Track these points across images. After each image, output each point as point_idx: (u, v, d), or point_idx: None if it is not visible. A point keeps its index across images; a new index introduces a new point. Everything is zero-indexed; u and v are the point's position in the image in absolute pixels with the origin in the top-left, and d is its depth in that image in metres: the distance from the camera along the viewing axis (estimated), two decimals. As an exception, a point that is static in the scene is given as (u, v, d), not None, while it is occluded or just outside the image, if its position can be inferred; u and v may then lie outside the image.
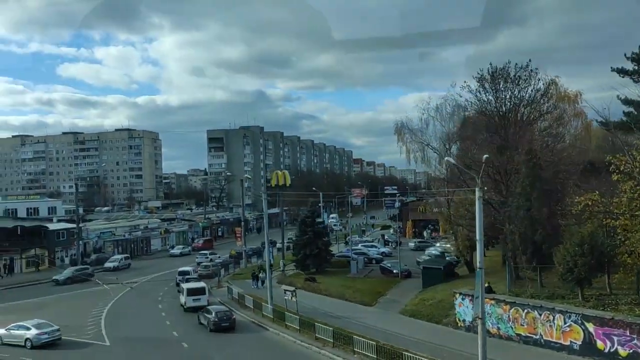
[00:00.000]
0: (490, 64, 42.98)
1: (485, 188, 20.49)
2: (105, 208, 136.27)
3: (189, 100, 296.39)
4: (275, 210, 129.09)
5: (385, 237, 75.66)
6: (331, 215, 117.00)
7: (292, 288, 33.43)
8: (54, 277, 51.96)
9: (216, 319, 31.92)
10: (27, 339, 29.25)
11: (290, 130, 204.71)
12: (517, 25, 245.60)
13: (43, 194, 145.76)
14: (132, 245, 74.12)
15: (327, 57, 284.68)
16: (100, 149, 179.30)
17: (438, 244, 61.35)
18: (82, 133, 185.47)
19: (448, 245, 60.05)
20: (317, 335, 27.98)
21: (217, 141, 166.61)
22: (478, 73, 45.89)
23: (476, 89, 44.15)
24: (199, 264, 57.34)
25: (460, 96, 45.59)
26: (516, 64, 43.64)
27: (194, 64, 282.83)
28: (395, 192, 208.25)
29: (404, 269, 46.03)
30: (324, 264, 48.49)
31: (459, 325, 28.30)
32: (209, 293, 40.36)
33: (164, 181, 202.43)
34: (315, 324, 28.44)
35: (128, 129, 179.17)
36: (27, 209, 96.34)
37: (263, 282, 43.07)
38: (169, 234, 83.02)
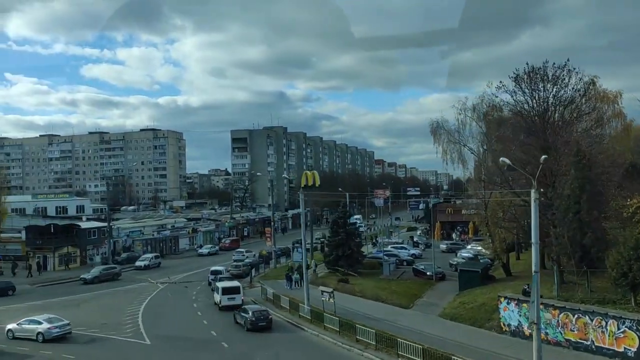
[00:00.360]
0: (527, 63, 42.18)
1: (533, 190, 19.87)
2: (131, 207, 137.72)
3: (210, 101, 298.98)
4: (299, 210, 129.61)
5: (415, 238, 74.91)
6: (355, 217, 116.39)
7: (330, 289, 33.15)
8: (81, 276, 52.21)
9: (253, 319, 31.87)
10: (38, 333, 30.06)
11: (310, 131, 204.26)
12: (540, 25, 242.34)
13: (70, 192, 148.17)
14: (161, 245, 74.60)
15: (347, 58, 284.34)
16: (126, 149, 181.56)
17: (469, 246, 60.55)
18: (107, 133, 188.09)
19: (479, 248, 59.36)
20: (358, 337, 27.67)
21: (240, 141, 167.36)
22: (514, 72, 45.24)
23: (512, 89, 43.65)
24: (236, 261, 57.57)
25: (496, 96, 45.01)
26: (554, 63, 42.89)
27: (215, 64, 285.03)
28: (419, 193, 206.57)
29: (438, 271, 45.45)
30: (356, 265, 48.10)
31: (503, 329, 27.71)
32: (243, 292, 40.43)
33: (187, 181, 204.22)
34: (356, 325, 28.10)
35: (153, 129, 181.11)
36: (57, 207, 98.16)
37: (297, 283, 42.88)
38: (196, 233, 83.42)
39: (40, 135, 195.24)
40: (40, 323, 30.50)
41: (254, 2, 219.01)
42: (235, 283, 41.10)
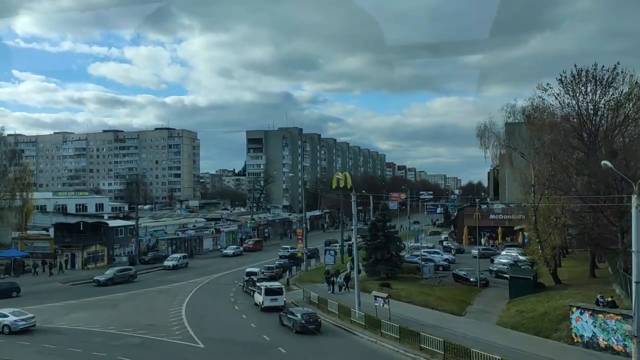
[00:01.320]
0: (575, 65, 41.43)
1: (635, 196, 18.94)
2: (147, 206, 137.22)
3: (217, 101, 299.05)
4: (317, 212, 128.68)
5: (446, 243, 73.86)
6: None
7: (385, 295, 32.24)
8: (94, 278, 49.84)
9: (303, 321, 31.33)
10: (4, 325, 31.13)
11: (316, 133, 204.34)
12: (550, 30, 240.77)
13: (84, 190, 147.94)
14: (186, 244, 73.92)
15: (354, 60, 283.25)
16: (140, 148, 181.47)
17: (504, 252, 59.44)
18: (122, 131, 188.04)
19: (514, 254, 58.34)
20: (422, 345, 26.75)
21: (256, 142, 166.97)
22: (561, 75, 44.35)
23: (559, 92, 42.80)
24: (281, 257, 58.56)
25: (543, 99, 44.14)
26: (603, 66, 42.03)
27: (222, 65, 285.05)
28: (432, 197, 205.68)
29: (482, 277, 44.46)
30: (395, 269, 47.20)
31: (575, 340, 26.69)
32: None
33: (200, 181, 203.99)
34: (421, 333, 27.17)
35: (168, 128, 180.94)
36: (76, 205, 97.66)
37: (340, 288, 41.77)
38: (219, 234, 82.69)
39: (55, 133, 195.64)
40: (6, 316, 31.51)
41: (262, 3, 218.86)
42: (278, 284, 40.88)
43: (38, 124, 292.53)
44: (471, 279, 44.31)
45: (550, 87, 43.59)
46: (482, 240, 75.10)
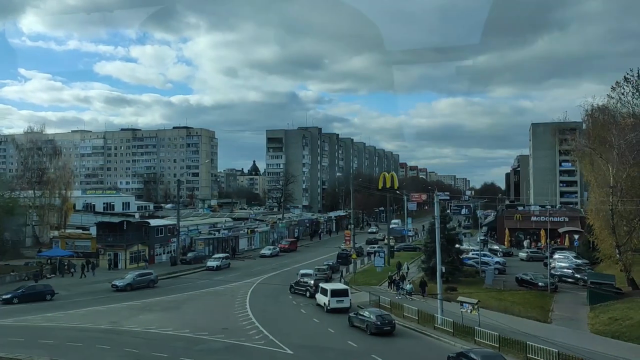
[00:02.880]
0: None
1: None
2: (169, 205, 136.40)
3: (222, 101, 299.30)
4: (341, 212, 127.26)
5: (493, 246, 72.31)
6: (393, 221, 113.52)
7: (474, 300, 30.94)
8: (113, 283, 46.34)
9: (378, 323, 30.84)
10: None
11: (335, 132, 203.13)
12: (558, 30, 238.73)
13: (101, 189, 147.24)
14: (223, 244, 72.78)
15: (360, 60, 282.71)
16: (158, 146, 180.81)
17: (556, 255, 57.92)
18: (139, 129, 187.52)
19: (568, 256, 56.94)
20: (529, 355, 25.40)
21: (275, 141, 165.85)
22: (628, 73, 43.01)
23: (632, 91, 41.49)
24: (340, 253, 58.26)
25: (612, 97, 42.82)
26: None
27: (227, 64, 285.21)
28: (449, 197, 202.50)
29: (552, 281, 43.04)
30: (456, 272, 45.87)
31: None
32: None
33: (217, 180, 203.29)
34: (528, 342, 25.85)
35: (186, 127, 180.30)
36: (104, 203, 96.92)
37: (410, 294, 40.17)
38: (253, 234, 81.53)
39: (72, 131, 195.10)
40: None
41: (268, 2, 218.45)
42: (343, 286, 40.31)
43: (45, 123, 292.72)
44: (539, 284, 42.88)
45: (620, 86, 42.37)
46: (525, 243, 73.76)
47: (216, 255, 61.45)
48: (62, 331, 31.94)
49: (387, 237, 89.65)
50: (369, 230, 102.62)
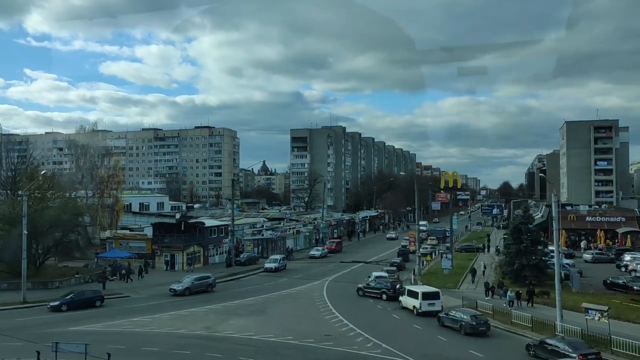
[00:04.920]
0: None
1: None
2: (197, 205, 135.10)
3: (227, 100, 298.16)
4: (373, 212, 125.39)
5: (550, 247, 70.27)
6: (421, 222, 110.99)
7: (605, 307, 29.09)
8: (170, 287, 44.09)
9: (473, 323, 30.79)
10: None
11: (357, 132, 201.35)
12: (565, 28, 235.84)
13: (123, 188, 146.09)
14: (272, 245, 71.21)
15: (365, 59, 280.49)
16: (180, 146, 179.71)
17: (627, 257, 55.87)
18: (161, 129, 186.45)
19: (636, 257, 54.95)
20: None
21: (300, 140, 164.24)
22: None
23: None
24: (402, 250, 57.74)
25: None
26: None
27: (232, 64, 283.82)
28: (469, 197, 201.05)
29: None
30: (541, 275, 43.99)
31: None
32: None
33: (239, 180, 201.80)
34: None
35: (208, 127, 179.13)
36: (140, 204, 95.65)
37: (512, 303, 37.83)
38: (299, 234, 79.91)
39: (93, 131, 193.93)
40: None
41: (272, 1, 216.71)
42: (434, 288, 38.81)
43: (50, 123, 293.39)
44: (634, 287, 40.96)
45: None
46: (582, 244, 71.73)
47: (273, 257, 59.81)
48: (161, 337, 30.51)
49: (428, 237, 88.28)
50: (387, 236, 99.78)
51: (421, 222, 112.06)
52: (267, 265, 57.47)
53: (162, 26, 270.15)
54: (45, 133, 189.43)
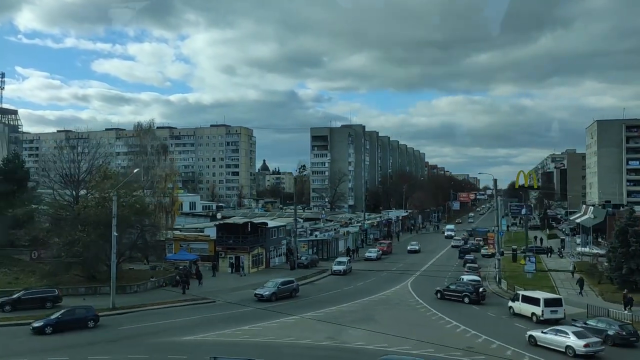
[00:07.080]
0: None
1: None
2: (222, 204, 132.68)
3: (221, 99, 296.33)
4: (403, 212, 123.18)
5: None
6: (447, 226, 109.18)
7: None
8: (256, 292, 41.42)
9: (623, 333, 29.16)
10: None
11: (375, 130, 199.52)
12: (562, 28, 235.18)
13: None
14: (326, 246, 68.94)
15: (360, 58, 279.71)
16: (196, 145, 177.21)
17: None
18: (175, 128, 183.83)
19: None
20: None
21: (320, 139, 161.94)
22: None
23: None
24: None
25: None
26: None
27: (226, 62, 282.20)
28: (486, 197, 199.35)
29: None
30: (649, 281, 41.95)
31: None
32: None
33: (255, 179, 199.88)
34: None
35: (225, 125, 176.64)
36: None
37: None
38: (348, 235, 77.73)
39: (106, 129, 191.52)
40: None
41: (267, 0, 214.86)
42: (555, 295, 37.45)
43: (42, 121, 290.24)
44: None
45: None
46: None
47: (340, 259, 57.66)
48: (287, 349, 28.35)
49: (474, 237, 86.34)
50: (445, 235, 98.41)
51: (448, 227, 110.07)
52: (335, 268, 55.27)
53: (155, 23, 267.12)
54: (106, 130, 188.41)
